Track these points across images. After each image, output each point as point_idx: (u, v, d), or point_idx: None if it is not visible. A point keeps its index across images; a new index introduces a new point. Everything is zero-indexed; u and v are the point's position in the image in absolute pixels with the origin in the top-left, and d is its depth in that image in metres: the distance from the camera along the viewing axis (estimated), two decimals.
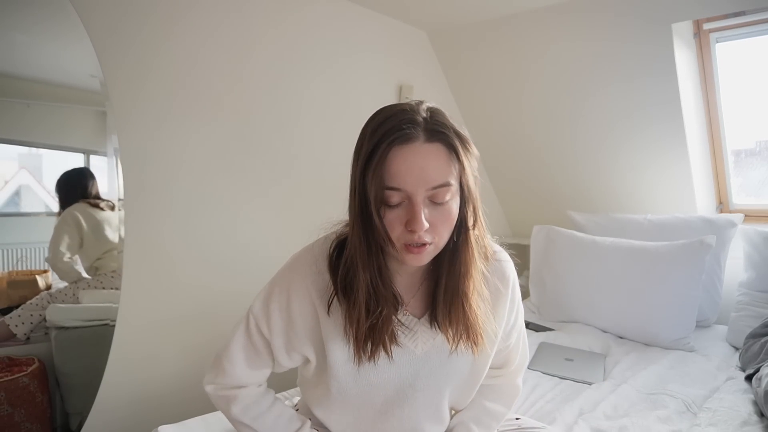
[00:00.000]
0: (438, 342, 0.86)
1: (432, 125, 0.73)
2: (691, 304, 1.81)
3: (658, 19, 1.94)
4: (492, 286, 0.87)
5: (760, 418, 1.25)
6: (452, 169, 0.74)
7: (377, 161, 0.71)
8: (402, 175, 0.71)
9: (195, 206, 1.74)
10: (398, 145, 0.71)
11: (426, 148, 0.72)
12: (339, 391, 0.87)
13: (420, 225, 0.71)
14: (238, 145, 1.85)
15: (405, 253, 0.75)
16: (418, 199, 0.72)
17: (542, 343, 1.81)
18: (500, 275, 0.90)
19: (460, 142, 0.75)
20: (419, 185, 0.71)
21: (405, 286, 0.86)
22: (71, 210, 1.76)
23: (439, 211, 0.74)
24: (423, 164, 0.71)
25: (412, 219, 0.72)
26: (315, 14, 2.04)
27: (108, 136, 1.66)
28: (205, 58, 1.73)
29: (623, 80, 2.17)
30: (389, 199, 0.72)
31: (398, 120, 0.72)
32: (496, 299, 0.88)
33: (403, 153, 0.71)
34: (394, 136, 0.71)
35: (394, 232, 0.74)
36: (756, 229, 1.93)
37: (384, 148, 0.71)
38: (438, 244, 0.76)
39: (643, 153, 2.32)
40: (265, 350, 0.89)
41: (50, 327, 1.69)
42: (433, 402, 0.90)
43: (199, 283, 1.76)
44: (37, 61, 1.69)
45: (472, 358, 0.89)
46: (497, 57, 2.43)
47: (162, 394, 1.68)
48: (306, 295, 0.83)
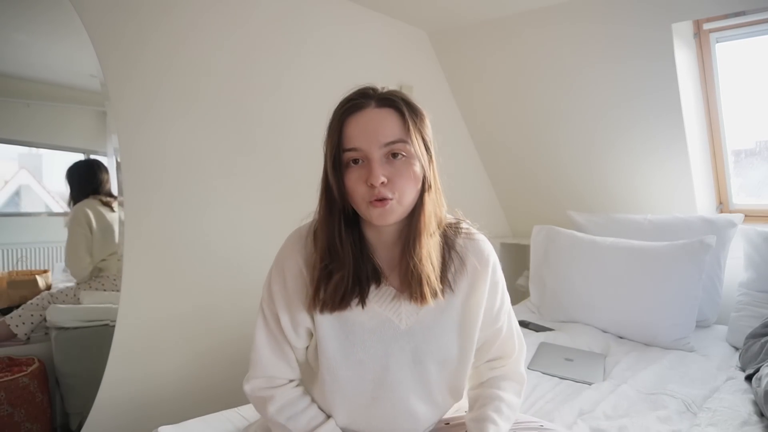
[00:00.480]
0: (421, 316, 0.90)
1: (383, 95, 0.84)
2: (691, 304, 1.81)
3: (658, 19, 1.94)
4: (470, 265, 0.92)
5: (760, 418, 1.25)
6: (404, 131, 0.82)
7: (335, 128, 0.83)
8: (356, 136, 0.81)
9: (195, 206, 1.74)
10: (352, 113, 0.83)
11: (376, 111, 0.83)
12: (329, 371, 0.90)
13: (376, 177, 0.79)
14: (238, 144, 1.85)
15: (371, 210, 0.81)
16: (373, 155, 0.80)
17: (542, 343, 1.81)
18: (477, 253, 0.94)
19: (409, 108, 0.84)
20: (372, 143, 0.80)
21: (386, 261, 0.92)
22: (83, 208, 1.73)
23: (396, 167, 0.82)
24: (374, 125, 0.81)
25: (369, 173, 0.80)
26: (315, 14, 2.04)
27: (108, 136, 1.66)
28: (206, 58, 1.73)
29: (623, 80, 2.17)
30: (347, 159, 0.82)
31: (354, 94, 0.85)
32: (474, 277, 0.92)
33: (356, 118, 0.82)
34: (347, 105, 0.83)
35: (357, 192, 0.81)
36: (756, 229, 1.93)
37: (340, 117, 0.83)
38: (401, 201, 0.82)
39: (643, 153, 2.32)
40: (281, 334, 0.93)
41: (50, 327, 1.69)
42: (422, 380, 0.92)
43: (199, 283, 1.76)
44: (37, 61, 1.69)
45: (457, 336, 0.93)
46: (497, 57, 2.43)
47: (162, 394, 1.68)
48: (295, 265, 0.90)
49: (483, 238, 0.97)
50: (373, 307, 0.89)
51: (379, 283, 0.89)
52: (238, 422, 1.22)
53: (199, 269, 1.76)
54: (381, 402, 0.92)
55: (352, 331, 0.89)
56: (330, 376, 0.90)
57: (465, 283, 0.92)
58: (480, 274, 0.93)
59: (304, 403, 0.94)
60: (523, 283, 2.76)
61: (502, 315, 0.99)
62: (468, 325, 0.93)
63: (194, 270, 1.75)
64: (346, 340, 0.89)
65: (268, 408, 0.92)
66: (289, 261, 0.91)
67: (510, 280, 2.85)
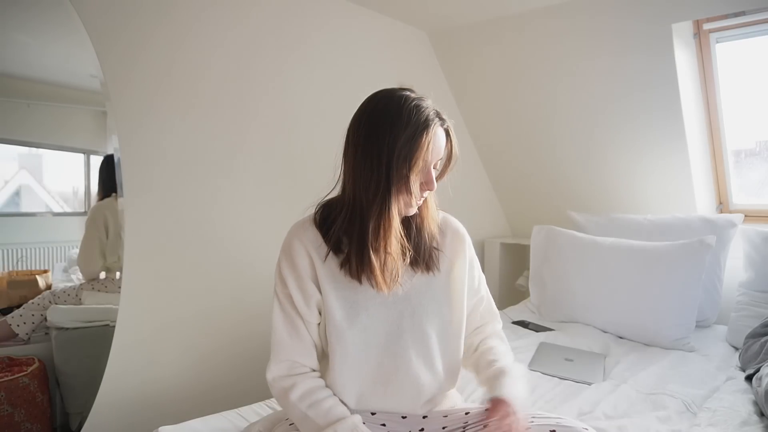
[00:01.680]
0: (415, 282, 1.03)
1: (437, 114, 0.99)
2: (691, 304, 1.81)
3: (658, 20, 1.94)
4: (449, 239, 1.09)
5: (760, 418, 1.25)
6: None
7: (430, 132, 0.95)
8: (437, 151, 0.97)
9: (195, 206, 1.74)
10: (438, 127, 0.97)
11: (440, 131, 0.98)
12: (338, 338, 0.98)
13: (434, 186, 0.98)
14: (238, 144, 1.85)
15: (410, 207, 0.98)
16: (432, 167, 0.97)
17: (542, 343, 1.81)
18: (454, 231, 1.11)
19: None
20: (436, 158, 0.98)
21: None
22: (102, 210, 1.73)
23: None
24: (440, 144, 0.98)
25: (429, 182, 0.97)
26: (315, 14, 2.04)
27: (108, 136, 1.66)
28: (206, 58, 1.73)
29: (623, 80, 2.17)
30: (428, 166, 0.96)
31: (427, 109, 0.97)
32: (453, 248, 1.08)
33: (438, 134, 0.97)
34: (427, 123, 0.95)
35: (415, 192, 0.95)
36: (756, 229, 1.93)
37: (434, 126, 0.96)
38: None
39: (643, 153, 2.32)
40: (296, 313, 1.00)
41: (51, 327, 1.69)
42: (423, 345, 1.02)
43: (200, 284, 1.76)
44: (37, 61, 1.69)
45: (448, 299, 1.05)
46: (497, 57, 2.43)
47: (162, 394, 1.68)
48: (302, 248, 1.00)
49: (457, 221, 1.14)
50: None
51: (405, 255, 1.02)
52: (238, 422, 1.22)
53: (199, 269, 1.76)
54: (386, 369, 1.00)
55: (356, 300, 0.99)
56: (339, 345, 0.98)
57: (448, 253, 1.07)
58: (458, 246, 1.08)
59: (325, 393, 0.98)
60: (523, 283, 2.76)
61: (483, 286, 1.16)
62: (455, 289, 1.06)
63: (194, 270, 1.75)
64: (351, 308, 0.99)
65: (290, 396, 0.96)
66: (295, 242, 1.01)
67: (510, 280, 2.88)
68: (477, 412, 1.03)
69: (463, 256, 1.09)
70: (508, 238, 2.96)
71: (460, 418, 1.03)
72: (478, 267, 1.15)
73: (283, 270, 1.01)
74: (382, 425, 1.04)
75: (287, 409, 0.98)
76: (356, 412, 1.01)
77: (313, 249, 1.00)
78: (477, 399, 1.40)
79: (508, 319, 2.13)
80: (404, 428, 1.04)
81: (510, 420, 0.90)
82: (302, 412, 0.95)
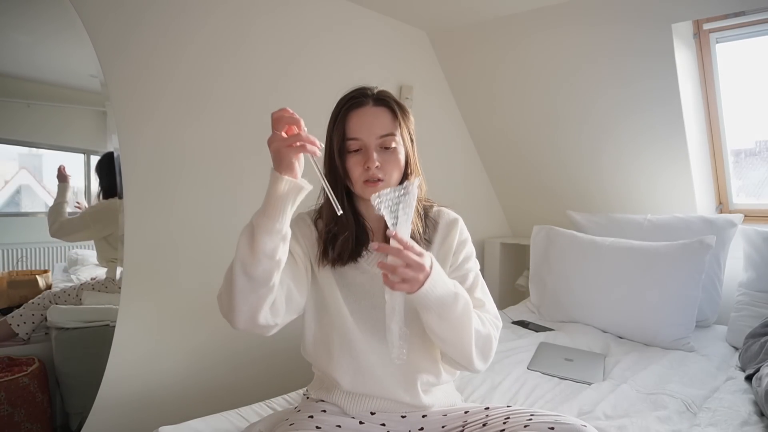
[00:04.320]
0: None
1: (378, 95, 1.04)
2: (691, 304, 1.81)
3: (658, 19, 1.94)
4: (441, 226, 1.11)
5: (760, 418, 1.25)
6: (395, 125, 1.02)
7: (339, 121, 1.01)
8: (357, 128, 1.00)
9: (195, 206, 1.74)
10: (354, 108, 1.01)
11: (373, 109, 1.02)
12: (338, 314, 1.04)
13: (372, 162, 0.98)
14: (238, 144, 1.85)
15: (364, 188, 1.01)
16: (370, 144, 1.00)
17: (542, 343, 1.81)
18: (445, 216, 1.13)
19: (399, 108, 1.04)
20: (370, 135, 1.00)
21: (375, 226, 1.10)
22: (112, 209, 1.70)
23: (387, 155, 1.01)
24: (372, 120, 1.01)
25: (367, 159, 0.99)
26: (315, 14, 2.04)
27: (108, 136, 1.66)
28: (206, 58, 1.73)
29: (623, 80, 2.17)
30: (350, 147, 1.00)
31: (354, 92, 1.04)
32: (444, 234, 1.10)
33: (357, 113, 1.01)
34: (350, 102, 1.02)
35: (355, 173, 1.00)
36: (756, 230, 1.93)
37: (344, 112, 1.01)
38: (388, 182, 1.01)
39: (642, 153, 2.32)
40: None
41: (51, 327, 1.69)
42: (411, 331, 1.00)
43: (199, 283, 1.76)
44: (37, 61, 1.69)
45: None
46: (497, 57, 2.43)
47: (162, 394, 1.68)
48: (305, 225, 1.10)
49: (453, 213, 1.16)
50: (363, 264, 1.07)
51: (368, 244, 1.07)
52: (238, 422, 1.22)
53: (199, 269, 1.76)
54: (380, 355, 1.03)
55: (348, 285, 1.06)
56: (339, 320, 1.04)
57: (438, 239, 1.10)
58: (450, 231, 1.10)
59: None
60: (523, 283, 2.76)
61: (468, 264, 1.10)
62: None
63: (195, 270, 1.75)
64: (346, 292, 1.06)
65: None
66: (299, 222, 1.09)
67: (510, 280, 2.88)
68: (476, 411, 1.03)
69: (453, 236, 1.09)
70: (508, 238, 2.96)
71: (459, 417, 1.03)
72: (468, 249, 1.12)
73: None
74: (381, 425, 1.04)
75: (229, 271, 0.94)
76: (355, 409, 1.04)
77: (316, 228, 1.10)
78: (477, 399, 1.40)
79: (508, 319, 2.13)
80: (404, 427, 1.04)
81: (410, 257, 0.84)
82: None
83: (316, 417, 1.02)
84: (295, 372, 1.75)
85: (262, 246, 0.87)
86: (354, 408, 1.05)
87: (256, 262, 0.87)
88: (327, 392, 1.08)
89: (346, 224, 1.05)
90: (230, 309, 0.91)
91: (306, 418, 1.02)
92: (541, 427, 0.91)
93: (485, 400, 1.39)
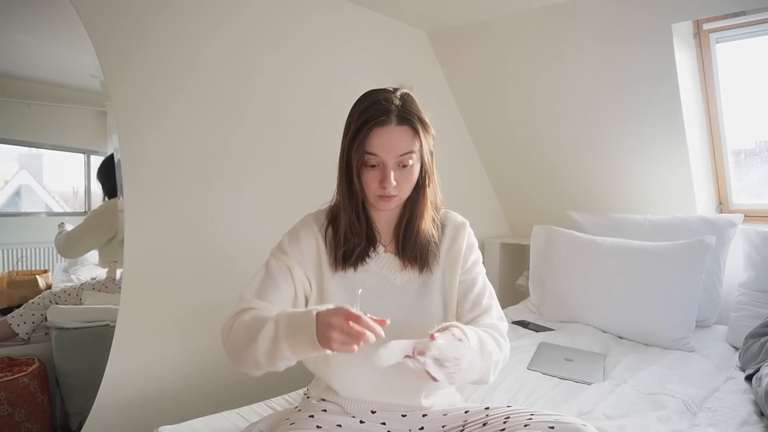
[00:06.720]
0: (408, 274, 1.08)
1: (402, 113, 0.99)
2: (691, 304, 1.81)
3: (658, 20, 1.94)
4: (449, 231, 1.13)
5: (760, 418, 1.26)
6: (415, 144, 1.01)
7: (362, 137, 0.98)
8: (378, 146, 0.99)
9: (195, 205, 1.74)
10: (377, 127, 0.98)
11: (397, 129, 0.99)
12: None
13: (389, 183, 0.99)
14: (238, 144, 1.85)
15: (378, 201, 1.03)
16: (389, 164, 0.99)
17: (542, 343, 1.81)
18: (452, 220, 1.15)
19: (422, 125, 1.02)
20: (390, 154, 0.99)
21: (384, 229, 1.11)
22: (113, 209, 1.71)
23: (404, 173, 1.01)
24: (394, 140, 0.99)
25: (384, 179, 0.99)
26: (315, 14, 2.04)
27: (108, 136, 1.66)
28: (206, 58, 1.73)
29: (623, 80, 2.17)
30: (368, 162, 1.00)
31: (377, 109, 0.99)
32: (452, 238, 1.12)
33: (380, 132, 0.98)
34: (374, 121, 0.98)
35: (370, 187, 1.01)
36: (756, 229, 1.93)
37: (366, 129, 0.98)
38: (401, 197, 1.04)
39: (643, 153, 2.32)
40: (281, 277, 1.04)
41: (51, 327, 1.69)
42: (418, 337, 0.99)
43: (200, 283, 1.76)
44: (37, 61, 1.69)
45: (441, 295, 1.08)
46: (497, 57, 2.43)
47: (162, 394, 1.69)
48: (311, 233, 1.08)
49: (461, 217, 1.17)
50: (372, 267, 1.07)
51: (376, 242, 1.09)
52: (238, 422, 1.22)
53: (199, 269, 1.76)
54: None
55: (355, 289, 1.03)
56: None
57: (446, 243, 1.11)
58: (458, 235, 1.12)
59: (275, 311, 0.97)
60: (523, 283, 2.76)
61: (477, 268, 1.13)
62: (449, 278, 1.09)
63: (195, 270, 1.75)
64: (350, 296, 1.04)
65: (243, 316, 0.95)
66: (305, 231, 1.08)
67: (510, 280, 2.88)
68: (477, 411, 1.03)
69: (461, 241, 1.11)
70: (508, 238, 2.96)
71: (459, 416, 1.04)
72: (476, 254, 1.14)
73: (288, 246, 1.06)
74: (382, 424, 1.04)
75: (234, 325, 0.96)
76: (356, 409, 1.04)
77: (322, 236, 1.09)
78: (477, 399, 1.40)
79: (509, 319, 2.13)
80: (404, 427, 1.04)
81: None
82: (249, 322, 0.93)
83: (316, 416, 1.02)
84: (295, 372, 1.74)
85: (279, 364, 0.92)
86: (354, 407, 1.05)
87: (270, 366, 0.92)
88: (327, 392, 1.08)
89: (360, 231, 1.07)
90: (234, 361, 0.96)
91: (306, 418, 1.02)
92: (541, 427, 0.91)
93: (485, 399, 1.39)
